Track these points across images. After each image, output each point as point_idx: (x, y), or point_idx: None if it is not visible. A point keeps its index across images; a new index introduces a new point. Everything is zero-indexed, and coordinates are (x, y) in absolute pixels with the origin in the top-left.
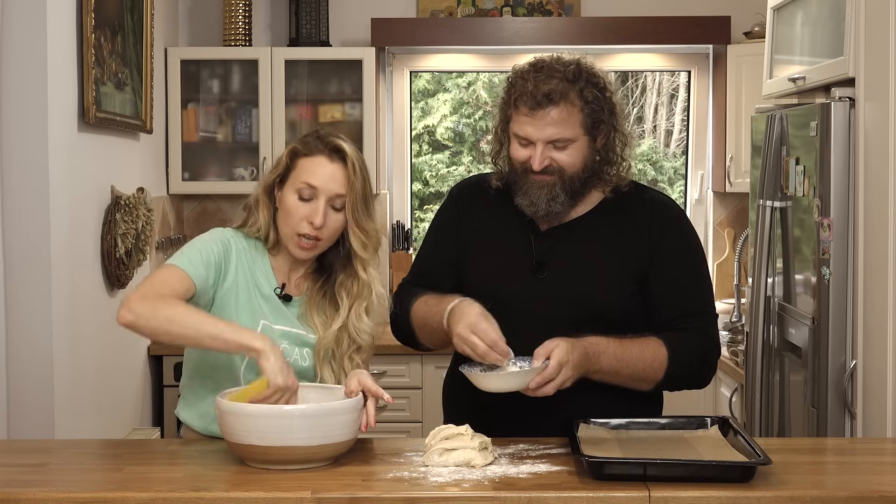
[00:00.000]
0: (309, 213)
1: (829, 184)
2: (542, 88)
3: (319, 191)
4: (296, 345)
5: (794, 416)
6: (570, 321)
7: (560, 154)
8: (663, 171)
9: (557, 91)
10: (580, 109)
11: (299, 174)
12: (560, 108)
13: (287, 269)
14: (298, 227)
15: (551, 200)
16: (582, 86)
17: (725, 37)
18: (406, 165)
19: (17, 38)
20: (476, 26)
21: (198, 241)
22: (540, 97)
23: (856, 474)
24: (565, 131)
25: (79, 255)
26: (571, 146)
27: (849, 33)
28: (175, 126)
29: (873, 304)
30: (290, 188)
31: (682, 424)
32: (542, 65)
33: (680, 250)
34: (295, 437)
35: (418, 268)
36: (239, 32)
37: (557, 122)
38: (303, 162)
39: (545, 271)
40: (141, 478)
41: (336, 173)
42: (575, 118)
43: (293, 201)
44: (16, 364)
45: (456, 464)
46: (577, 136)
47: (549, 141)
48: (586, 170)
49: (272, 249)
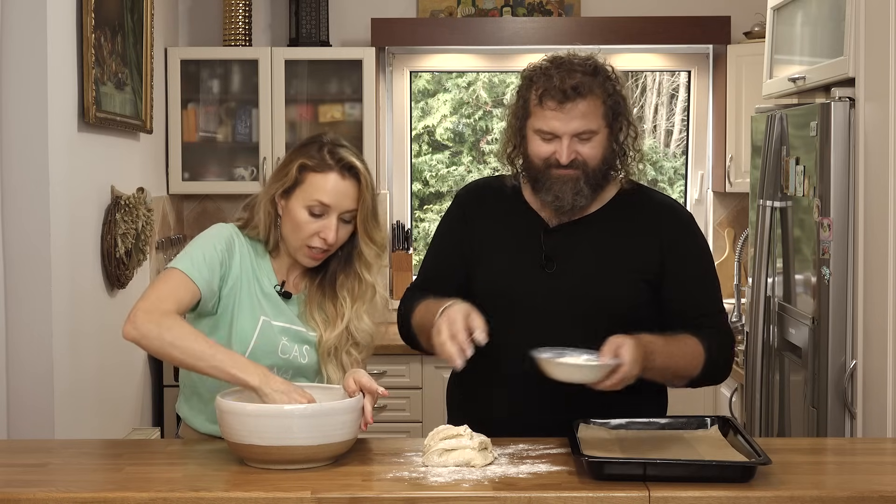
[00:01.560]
0: (320, 228)
1: (829, 184)
2: (569, 82)
3: (332, 208)
4: (295, 342)
5: (794, 416)
6: (579, 316)
7: (584, 147)
8: (663, 171)
9: (584, 84)
10: (603, 102)
11: (309, 191)
12: (587, 101)
13: (286, 269)
14: (310, 241)
15: (577, 194)
16: (602, 79)
17: (725, 37)
18: (406, 165)
19: (17, 38)
20: (476, 26)
21: (201, 239)
22: (568, 90)
23: (856, 474)
24: (591, 123)
25: (79, 255)
26: (595, 139)
27: (849, 33)
28: (175, 126)
29: (873, 304)
30: (299, 202)
31: (682, 424)
32: (562, 60)
33: (694, 257)
34: (295, 436)
35: (424, 274)
36: (239, 32)
37: (585, 114)
38: (313, 178)
39: (554, 266)
40: (141, 478)
41: (349, 190)
42: (599, 111)
43: (303, 216)
44: (16, 364)
45: (456, 464)
46: (599, 129)
47: (575, 134)
48: (606, 162)
49: (273, 251)
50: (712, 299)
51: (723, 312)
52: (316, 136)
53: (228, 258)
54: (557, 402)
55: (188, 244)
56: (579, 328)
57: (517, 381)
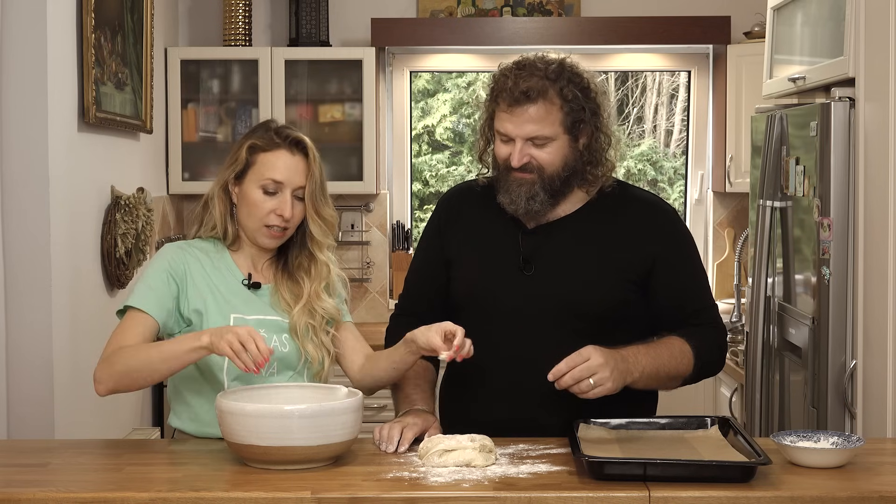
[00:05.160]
0: (276, 206)
1: (829, 184)
2: (521, 86)
3: (285, 184)
4: (273, 332)
5: (794, 416)
6: (559, 318)
7: (539, 152)
8: (663, 171)
9: (535, 89)
10: (559, 108)
11: (261, 170)
12: (538, 106)
13: (250, 261)
14: (267, 219)
15: (530, 199)
16: (563, 84)
17: (725, 37)
18: (406, 165)
19: (17, 38)
20: (476, 26)
21: (146, 271)
22: (518, 94)
23: (856, 474)
24: (544, 129)
25: (79, 255)
26: (551, 144)
27: (849, 33)
28: (175, 126)
29: (873, 304)
30: (252, 183)
31: (682, 424)
32: (525, 63)
33: (681, 254)
34: (295, 437)
35: (406, 300)
36: (239, 32)
37: (536, 119)
38: (264, 157)
39: (532, 268)
40: (141, 478)
41: (299, 165)
42: (554, 116)
43: (258, 196)
44: (16, 364)
45: (456, 464)
46: (556, 135)
47: (528, 138)
48: (567, 168)
49: (232, 245)
50: (702, 294)
51: (714, 306)
52: (262, 122)
53: (175, 275)
54: (536, 403)
55: (137, 279)
56: (559, 330)
57: (498, 384)
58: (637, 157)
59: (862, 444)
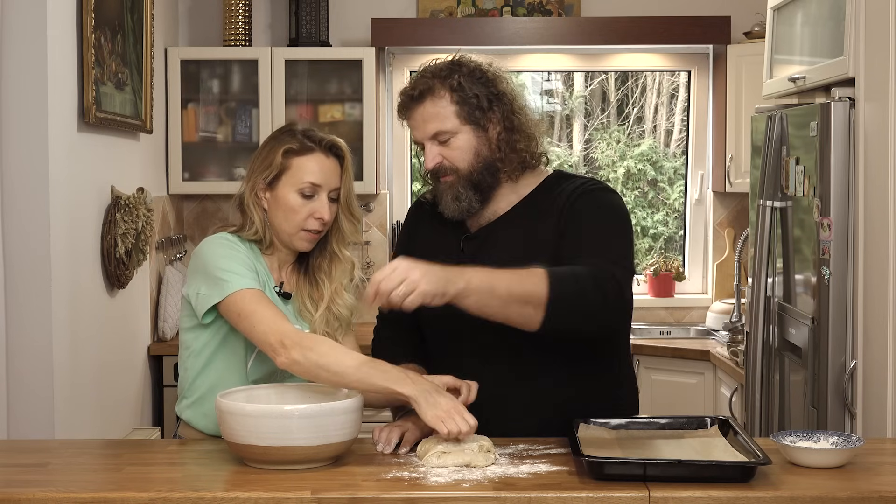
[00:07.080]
0: (315, 209)
1: (829, 184)
2: (408, 91)
3: (322, 187)
4: None
5: (794, 416)
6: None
7: (448, 150)
8: (663, 171)
9: (420, 88)
10: (450, 100)
11: (298, 174)
12: (428, 103)
13: (278, 266)
14: (305, 223)
15: (456, 199)
16: (451, 79)
17: (725, 37)
18: (406, 165)
19: (17, 38)
20: (476, 26)
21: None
22: (406, 99)
23: (856, 474)
24: (443, 124)
25: (79, 255)
26: (456, 138)
27: (849, 33)
28: (175, 126)
29: (873, 304)
30: (288, 187)
31: (682, 424)
32: (417, 72)
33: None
34: (295, 437)
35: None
36: (239, 32)
37: (430, 117)
38: (299, 161)
39: None
40: (141, 478)
41: (335, 168)
42: (447, 109)
43: (296, 200)
44: (16, 364)
45: (456, 465)
46: (457, 128)
47: (431, 137)
48: (482, 160)
49: (266, 250)
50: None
51: (615, 263)
52: (285, 126)
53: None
54: (502, 406)
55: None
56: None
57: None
58: (637, 157)
59: (862, 444)
